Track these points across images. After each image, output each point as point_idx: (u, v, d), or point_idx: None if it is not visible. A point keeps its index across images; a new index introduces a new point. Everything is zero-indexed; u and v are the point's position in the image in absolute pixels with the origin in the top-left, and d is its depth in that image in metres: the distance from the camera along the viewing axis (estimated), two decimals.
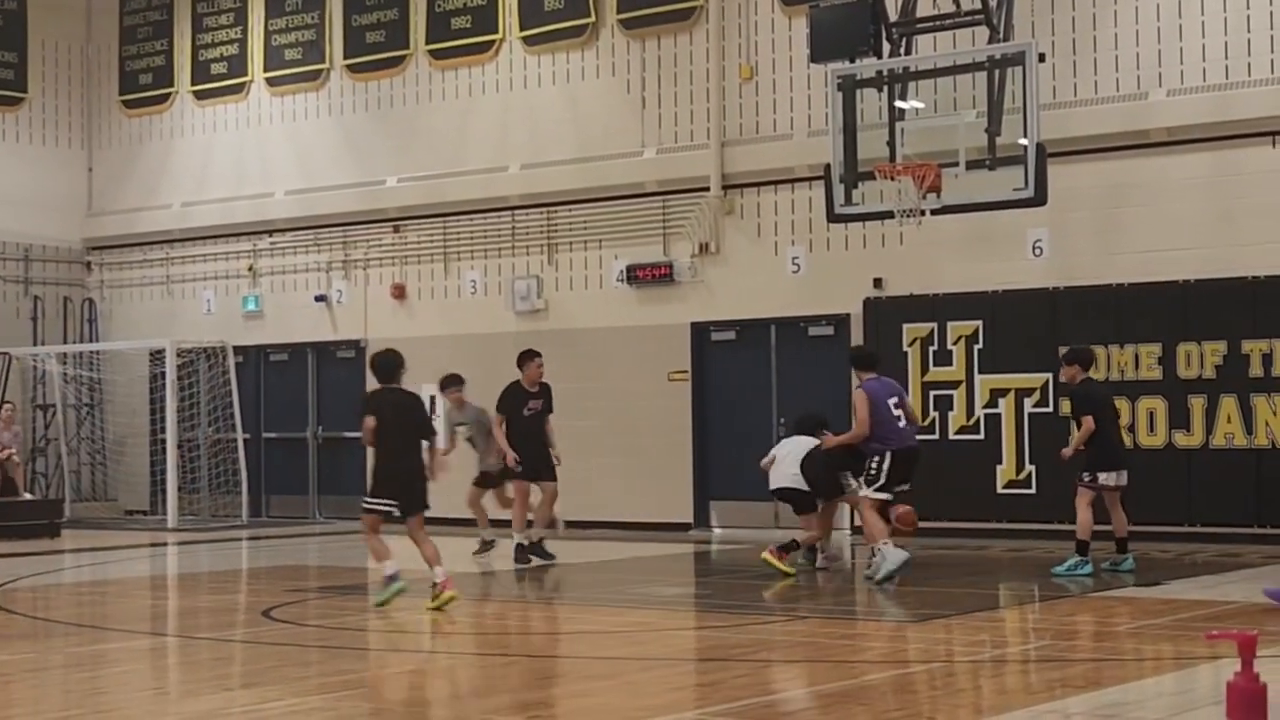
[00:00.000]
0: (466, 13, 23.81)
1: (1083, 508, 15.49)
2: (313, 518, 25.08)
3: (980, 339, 19.65)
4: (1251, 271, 18.20)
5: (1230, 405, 18.19)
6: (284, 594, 14.71)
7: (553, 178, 22.85)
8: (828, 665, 10.39)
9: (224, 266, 26.30)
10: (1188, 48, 18.70)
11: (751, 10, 21.48)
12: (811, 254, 20.91)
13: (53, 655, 11.52)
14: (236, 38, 26.28)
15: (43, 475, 26.59)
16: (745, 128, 21.49)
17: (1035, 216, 18.23)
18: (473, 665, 10.88)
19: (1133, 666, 10.23)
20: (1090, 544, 15.35)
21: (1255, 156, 18.36)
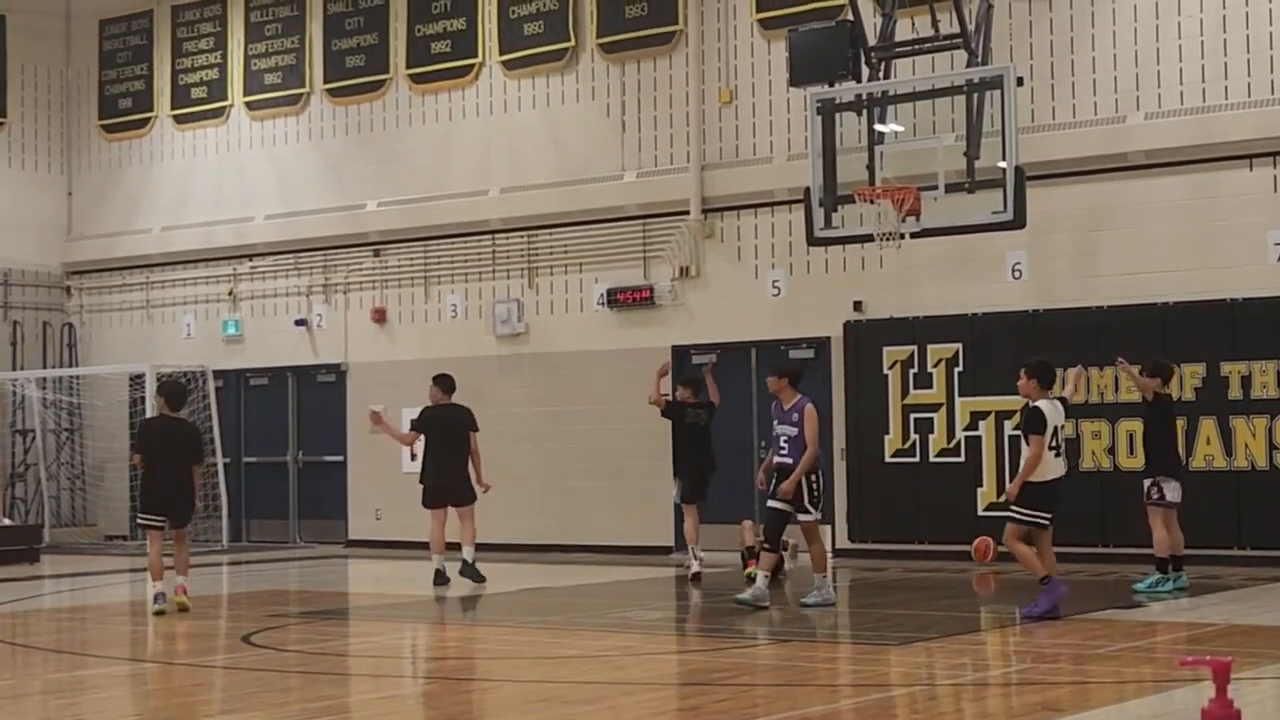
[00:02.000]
0: (446, 37, 23.83)
1: (1156, 525, 15.54)
2: (293, 542, 25.02)
3: (960, 361, 19.68)
4: (1231, 294, 18.26)
5: (1210, 427, 18.23)
6: (264, 619, 14.67)
7: (533, 201, 22.87)
8: (809, 689, 10.38)
9: (204, 291, 26.26)
10: (1166, 71, 18.78)
11: (731, 34, 21.53)
12: (792, 277, 20.94)
13: (31, 681, 11.48)
14: (216, 62, 26.28)
15: (22, 500, 26.49)
16: (725, 151, 21.54)
17: (1015, 239, 18.28)
18: (454, 691, 10.86)
19: (1113, 689, 10.24)
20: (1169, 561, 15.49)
21: (1233, 179, 18.43)
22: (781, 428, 14.75)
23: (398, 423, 23.90)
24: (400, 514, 23.79)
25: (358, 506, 24.46)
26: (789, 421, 14.68)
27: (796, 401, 14.72)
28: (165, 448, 15.40)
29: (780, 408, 14.84)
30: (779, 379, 14.88)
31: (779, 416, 14.84)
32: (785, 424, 14.71)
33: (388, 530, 23.87)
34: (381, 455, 24.12)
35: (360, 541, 24.15)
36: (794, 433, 14.60)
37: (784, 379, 14.84)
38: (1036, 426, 13.73)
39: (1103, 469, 18.74)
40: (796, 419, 14.63)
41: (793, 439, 14.62)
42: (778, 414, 14.87)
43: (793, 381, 14.89)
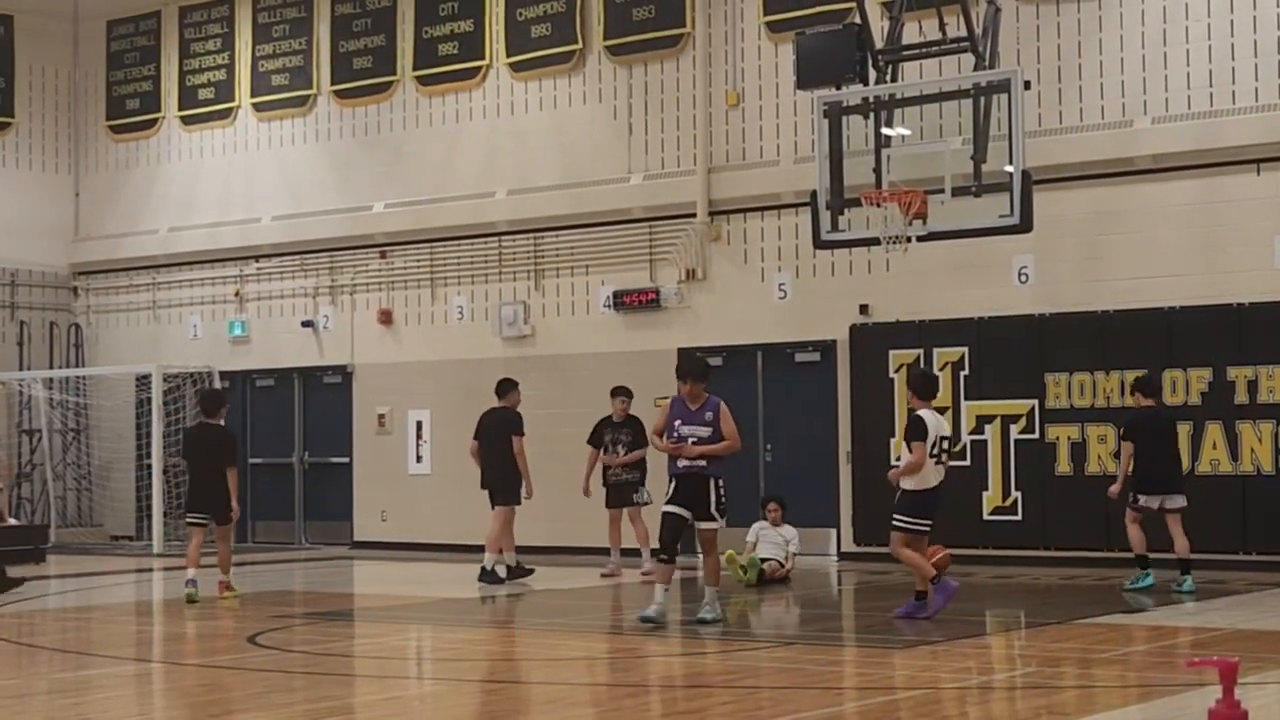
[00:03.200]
0: (454, 39, 23.85)
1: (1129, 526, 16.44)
2: (298, 543, 25.03)
3: (966, 365, 19.68)
4: (1237, 299, 18.25)
5: (1215, 432, 18.22)
6: (269, 620, 14.68)
7: (540, 203, 22.88)
8: (813, 692, 10.38)
9: (210, 292, 26.28)
10: (1173, 75, 18.78)
11: (738, 37, 21.54)
12: (798, 280, 20.94)
13: (37, 681, 11.49)
14: (224, 63, 26.31)
15: (28, 500, 26.52)
16: (732, 154, 21.54)
17: (1021, 243, 18.27)
18: (458, 693, 10.86)
19: (1118, 693, 10.24)
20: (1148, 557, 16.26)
21: (1240, 184, 18.42)
22: (689, 428, 13.65)
23: (404, 425, 23.98)
24: (405, 516, 23.84)
25: (363, 508, 24.47)
26: (700, 422, 13.64)
27: (706, 401, 13.75)
28: (200, 452, 16.98)
29: (685, 408, 13.75)
30: (696, 381, 13.78)
31: (685, 417, 13.69)
32: (695, 424, 13.64)
33: (393, 532, 23.89)
34: (387, 457, 24.16)
35: (365, 543, 24.16)
36: (707, 434, 13.59)
37: (700, 382, 13.78)
38: (918, 434, 13.89)
39: (1108, 473, 18.70)
40: (710, 418, 13.63)
41: (704, 441, 13.61)
42: (682, 414, 13.71)
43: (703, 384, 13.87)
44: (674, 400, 13.87)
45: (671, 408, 13.84)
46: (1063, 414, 19.02)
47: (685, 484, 13.66)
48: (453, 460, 23.13)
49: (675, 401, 13.83)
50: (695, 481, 13.66)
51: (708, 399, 13.77)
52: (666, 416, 13.81)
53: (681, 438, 13.61)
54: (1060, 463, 19.02)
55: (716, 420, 13.65)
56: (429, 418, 23.85)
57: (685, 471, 13.65)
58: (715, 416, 13.66)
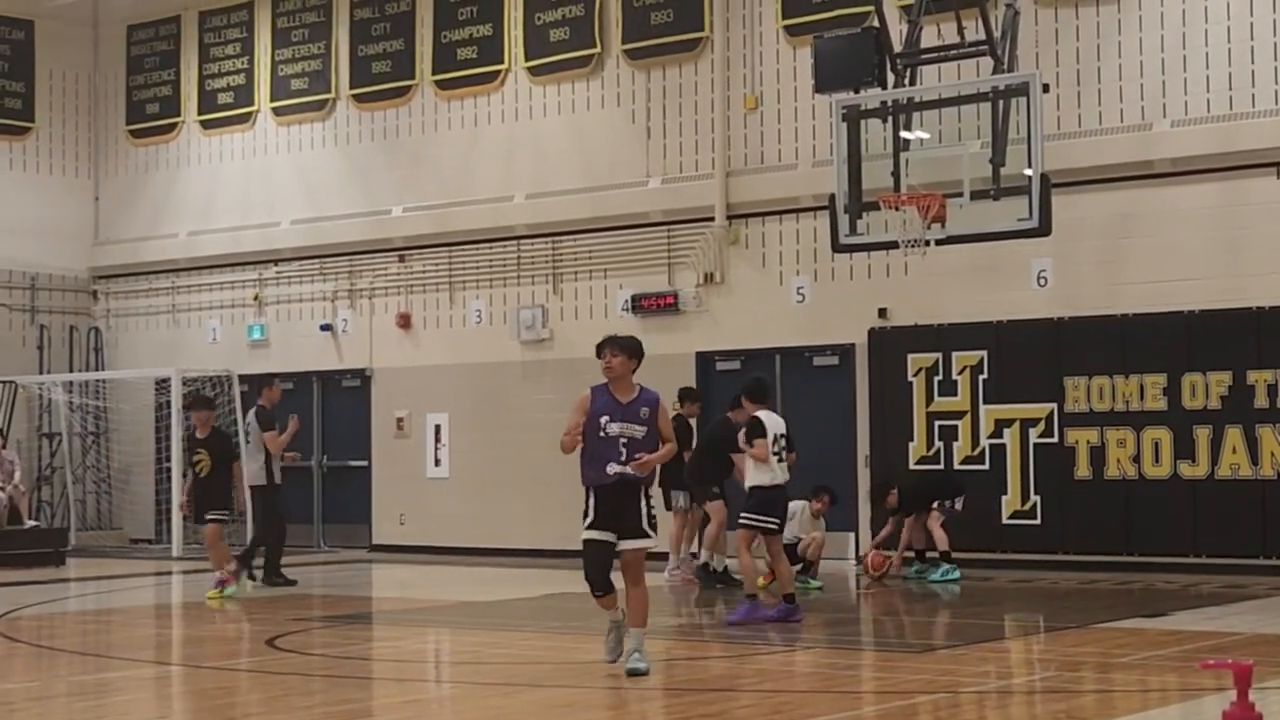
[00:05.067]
0: (472, 43, 23.88)
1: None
2: (317, 546, 25.06)
3: (985, 369, 19.65)
4: (1257, 302, 18.21)
5: (1235, 436, 18.17)
6: (288, 623, 14.70)
7: (558, 207, 22.89)
8: (832, 696, 10.37)
9: (230, 295, 26.33)
10: (1192, 78, 18.74)
11: (756, 41, 21.54)
12: (816, 284, 20.93)
13: (57, 684, 11.52)
14: (243, 68, 26.37)
15: (48, 504, 26.59)
16: (750, 158, 21.54)
17: (1040, 247, 18.24)
18: (476, 696, 10.86)
19: (1138, 698, 10.22)
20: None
21: (1260, 187, 18.38)
22: (621, 426, 10.97)
23: (423, 428, 23.99)
24: (424, 519, 23.86)
25: (382, 512, 24.50)
26: (635, 419, 11.00)
27: (641, 394, 11.15)
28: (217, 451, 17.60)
29: (612, 400, 11.06)
30: (629, 358, 11.15)
31: (614, 412, 11.00)
32: (629, 421, 10.98)
33: (411, 535, 23.91)
34: (406, 461, 24.18)
35: (384, 546, 24.18)
36: (642, 434, 10.98)
37: (631, 358, 11.17)
38: (758, 433, 14.21)
39: (1128, 477, 18.69)
40: (646, 415, 11.04)
41: (639, 441, 10.98)
42: (610, 409, 11.02)
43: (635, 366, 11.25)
44: (596, 391, 11.14)
45: (594, 399, 11.09)
46: (1082, 418, 18.99)
47: (611, 495, 11.02)
48: (471, 463, 23.18)
49: (598, 392, 11.12)
50: (626, 492, 11.02)
51: (642, 391, 11.17)
52: (585, 411, 11.06)
53: (611, 437, 10.96)
54: (1079, 467, 18.99)
55: (654, 417, 11.08)
56: (447, 421, 23.88)
57: (615, 480, 10.98)
58: (652, 414, 11.08)
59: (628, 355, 11.17)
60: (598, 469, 11.01)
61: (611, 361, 11.16)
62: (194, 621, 15.75)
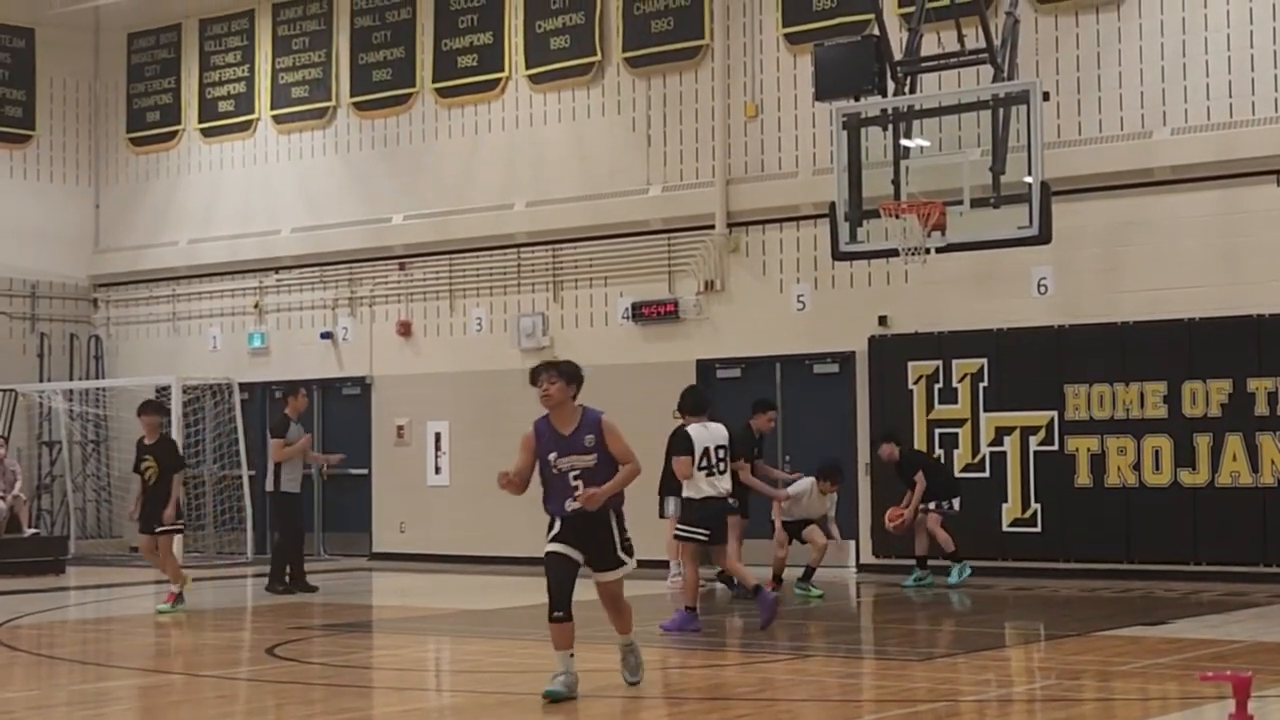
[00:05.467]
0: (472, 51, 23.89)
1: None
2: (317, 554, 25.01)
3: (985, 377, 19.65)
4: (1256, 310, 18.21)
5: (1235, 444, 18.17)
6: (288, 631, 14.69)
7: (558, 215, 22.90)
8: (832, 704, 10.36)
9: (230, 303, 26.34)
10: (1192, 86, 18.75)
11: (756, 49, 21.55)
12: (816, 291, 20.93)
13: (57, 692, 11.51)
14: (244, 75, 26.38)
15: (48, 512, 26.58)
16: (750, 165, 21.55)
17: (1040, 254, 18.25)
18: (476, 705, 10.86)
19: (1138, 706, 10.21)
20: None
21: (1260, 195, 18.38)
22: (569, 460, 10.27)
23: (423, 436, 23.99)
24: (424, 527, 23.86)
25: (382, 520, 24.50)
26: (579, 449, 10.28)
27: (583, 418, 10.40)
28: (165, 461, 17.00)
29: (554, 433, 10.33)
30: (568, 383, 10.41)
31: (558, 446, 10.30)
32: (574, 454, 10.27)
33: (412, 543, 23.91)
34: (406, 469, 24.18)
35: (384, 554, 24.17)
36: (591, 462, 10.27)
37: (570, 384, 10.45)
38: (680, 449, 14.22)
39: (1128, 485, 18.69)
40: (592, 441, 10.31)
41: (592, 471, 10.27)
42: (553, 443, 10.31)
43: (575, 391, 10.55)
44: (539, 426, 10.42)
45: (537, 437, 10.37)
46: (1082, 425, 18.99)
47: (575, 524, 10.33)
48: (472, 471, 23.16)
49: (540, 427, 10.41)
50: (592, 520, 10.33)
51: (584, 415, 10.41)
52: (530, 451, 10.36)
53: (562, 473, 10.25)
54: (1080, 474, 18.98)
55: (600, 441, 10.30)
56: (448, 429, 23.88)
57: (575, 512, 10.30)
58: (598, 438, 10.29)
59: (566, 381, 10.40)
60: (556, 503, 10.36)
61: (549, 389, 10.34)
62: (194, 630, 15.74)
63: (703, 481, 14.16)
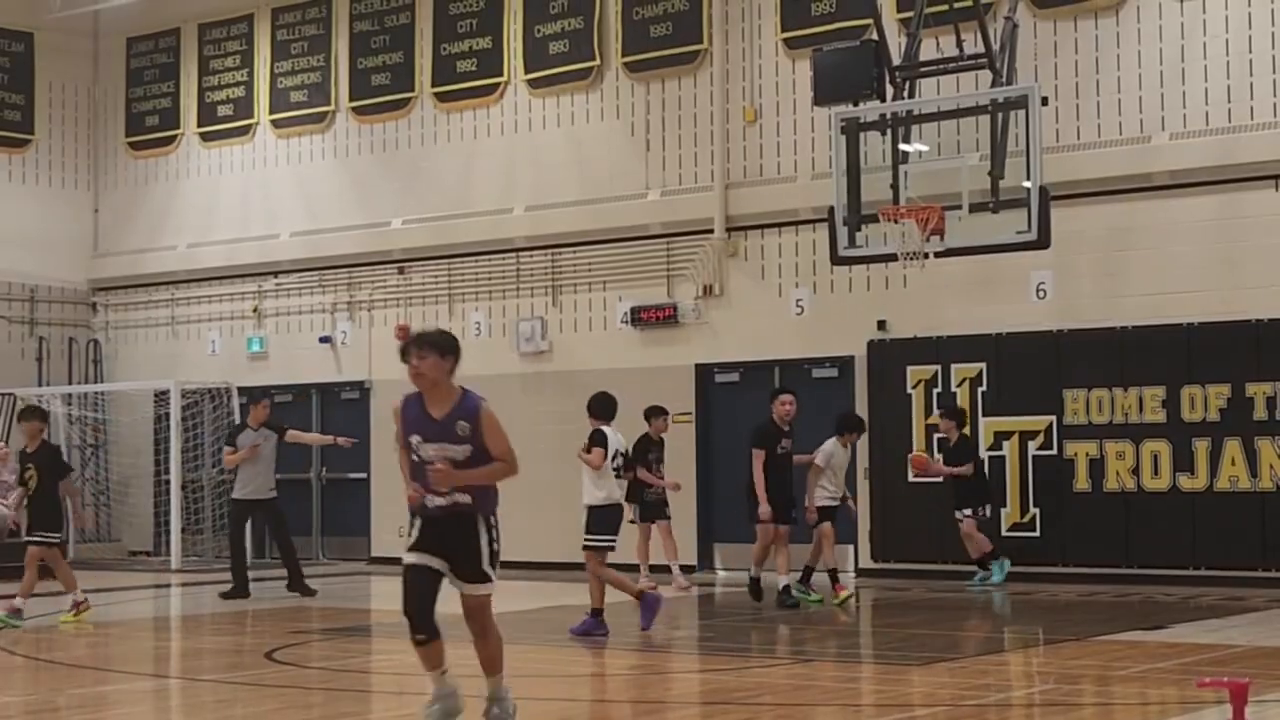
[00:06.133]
0: (472, 56, 23.90)
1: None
2: (316, 558, 25.02)
3: (984, 381, 19.65)
4: (1255, 315, 18.21)
5: (1234, 448, 18.17)
6: (287, 635, 14.69)
7: (557, 219, 22.90)
8: (831, 709, 10.36)
9: (229, 308, 26.33)
10: (1191, 91, 18.76)
11: (755, 54, 21.56)
12: (815, 296, 20.94)
13: (55, 697, 11.50)
14: (242, 80, 26.38)
15: None
16: (749, 170, 21.55)
17: (1039, 259, 18.25)
18: (475, 709, 10.85)
19: (1137, 711, 10.21)
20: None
21: (1259, 200, 18.39)
22: (436, 448, 8.92)
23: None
24: None
25: (381, 524, 24.48)
26: (450, 437, 8.90)
27: (460, 402, 8.96)
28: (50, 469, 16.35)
29: (423, 414, 8.99)
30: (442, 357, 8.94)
31: (425, 430, 8.97)
32: (443, 440, 8.92)
33: None
34: None
35: (383, 559, 24.15)
36: (463, 454, 8.90)
37: (445, 357, 8.97)
38: (598, 443, 14.42)
39: (1127, 489, 18.69)
40: (466, 430, 8.90)
41: (462, 465, 8.91)
42: (420, 425, 9.00)
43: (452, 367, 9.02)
44: (408, 401, 9.10)
45: (403, 415, 9.10)
46: (1081, 430, 18.99)
47: (438, 528, 9.05)
48: None
49: (409, 404, 9.08)
50: (454, 525, 9.01)
51: (462, 398, 8.98)
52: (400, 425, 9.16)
53: (425, 461, 8.92)
54: (1079, 479, 18.98)
55: (477, 432, 8.92)
56: None
57: (439, 511, 9.00)
58: (474, 427, 8.91)
59: (440, 354, 8.90)
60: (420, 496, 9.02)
61: (420, 365, 8.89)
62: (193, 634, 15.74)
63: (612, 486, 14.26)
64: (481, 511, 9.02)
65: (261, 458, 18.91)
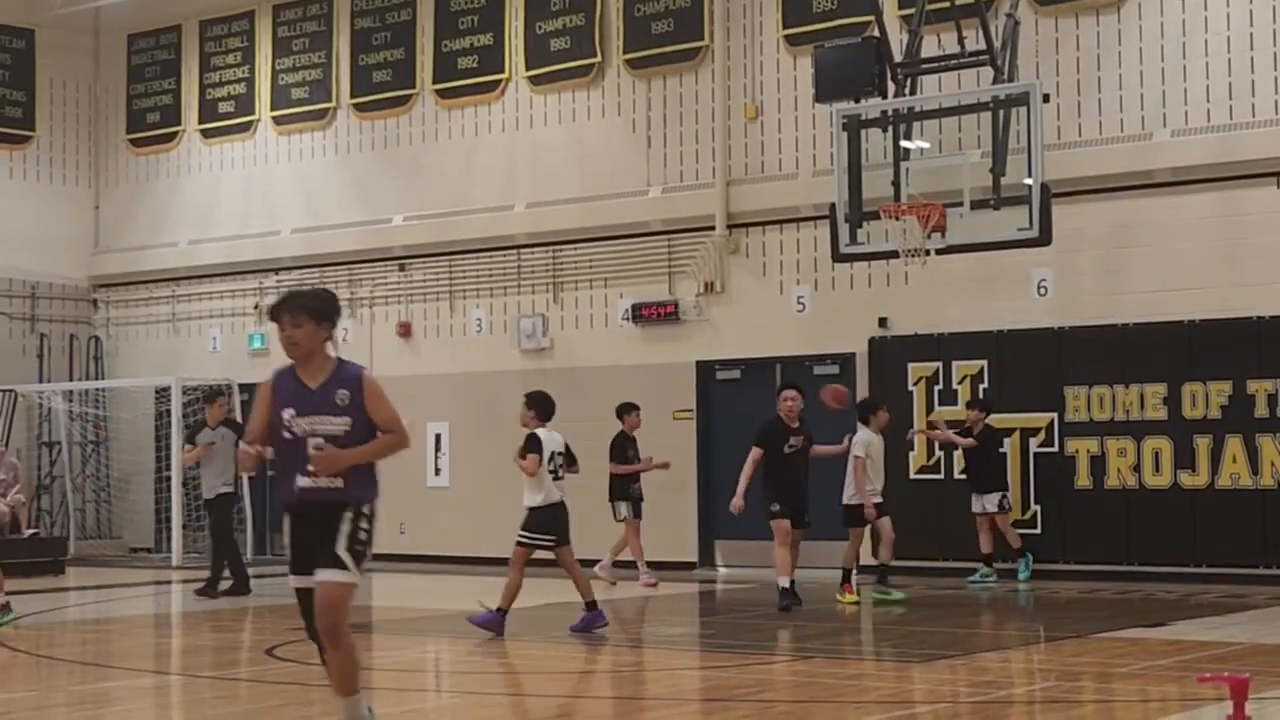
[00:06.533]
0: (473, 52, 23.89)
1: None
2: None
3: (985, 378, 19.65)
4: (1256, 312, 18.20)
5: (1235, 445, 18.16)
6: (287, 632, 14.67)
7: (558, 216, 22.90)
8: (831, 706, 10.36)
9: (230, 304, 26.34)
10: (1192, 88, 18.75)
11: (756, 50, 21.55)
12: (816, 293, 20.93)
13: (55, 694, 11.50)
14: (244, 77, 26.38)
15: (48, 512, 26.57)
16: (750, 167, 21.55)
17: (1040, 256, 18.25)
18: (475, 706, 10.85)
19: (1138, 708, 10.21)
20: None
21: (1260, 197, 18.38)
22: (311, 421, 7.98)
23: (423, 438, 23.94)
24: (424, 528, 23.84)
25: (381, 520, 24.38)
26: (328, 408, 8.01)
27: (338, 371, 8.12)
28: None
29: (297, 385, 8.10)
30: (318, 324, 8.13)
31: (298, 402, 8.03)
32: (320, 414, 8.01)
33: (411, 545, 23.89)
34: (405, 470, 24.14)
35: (384, 556, 24.11)
36: (343, 427, 8.00)
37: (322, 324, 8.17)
38: (533, 448, 14.24)
39: (1128, 487, 18.69)
40: (346, 400, 8.03)
41: (340, 440, 8.01)
42: (293, 397, 8.06)
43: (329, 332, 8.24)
44: (279, 376, 8.20)
45: (274, 388, 8.13)
46: (1082, 427, 18.98)
47: (304, 517, 8.12)
48: (471, 473, 23.18)
49: (281, 378, 8.18)
50: (324, 515, 8.06)
51: (341, 368, 8.14)
52: (266, 405, 8.12)
53: (296, 439, 7.96)
54: (1080, 476, 18.98)
55: (358, 403, 8.04)
56: (447, 430, 23.87)
57: (305, 496, 8.03)
58: (356, 397, 8.03)
59: (316, 321, 8.04)
60: (287, 484, 7.99)
61: (294, 333, 8.01)
62: (193, 631, 15.74)
63: (549, 487, 14.22)
64: (354, 499, 8.05)
65: (217, 456, 18.74)
